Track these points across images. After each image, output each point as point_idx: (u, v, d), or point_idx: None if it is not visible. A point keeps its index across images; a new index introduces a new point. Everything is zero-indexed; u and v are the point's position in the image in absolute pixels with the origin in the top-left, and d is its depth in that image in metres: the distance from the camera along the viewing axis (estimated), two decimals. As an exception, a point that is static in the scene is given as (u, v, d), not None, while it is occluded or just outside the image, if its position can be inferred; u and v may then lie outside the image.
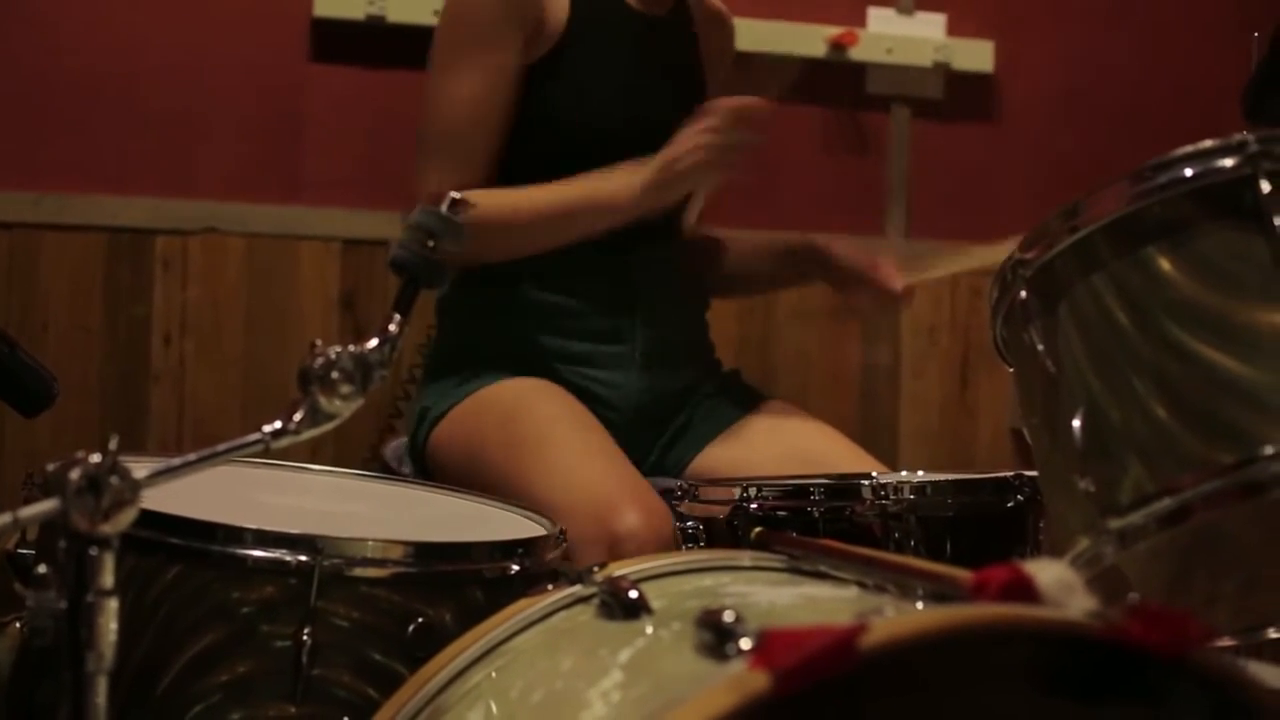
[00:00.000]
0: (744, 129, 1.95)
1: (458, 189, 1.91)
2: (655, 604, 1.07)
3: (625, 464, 1.90)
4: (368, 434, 2.71)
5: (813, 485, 1.68)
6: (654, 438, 2.10)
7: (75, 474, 0.95)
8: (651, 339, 2.07)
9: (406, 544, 1.34)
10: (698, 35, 2.21)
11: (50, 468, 0.97)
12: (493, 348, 2.06)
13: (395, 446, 2.20)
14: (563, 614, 1.14)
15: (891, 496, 1.63)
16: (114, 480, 0.95)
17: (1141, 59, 3.25)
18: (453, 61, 2.00)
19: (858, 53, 3.03)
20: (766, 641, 0.83)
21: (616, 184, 1.97)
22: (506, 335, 2.06)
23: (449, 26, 2.04)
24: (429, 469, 2.04)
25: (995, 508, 1.67)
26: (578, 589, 1.15)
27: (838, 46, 3.02)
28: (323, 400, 1.06)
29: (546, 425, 1.92)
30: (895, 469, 1.97)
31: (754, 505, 1.66)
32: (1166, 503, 1.18)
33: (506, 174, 2.03)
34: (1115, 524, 1.20)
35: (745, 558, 1.23)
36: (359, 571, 1.31)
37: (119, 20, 2.73)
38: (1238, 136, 1.20)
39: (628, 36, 2.09)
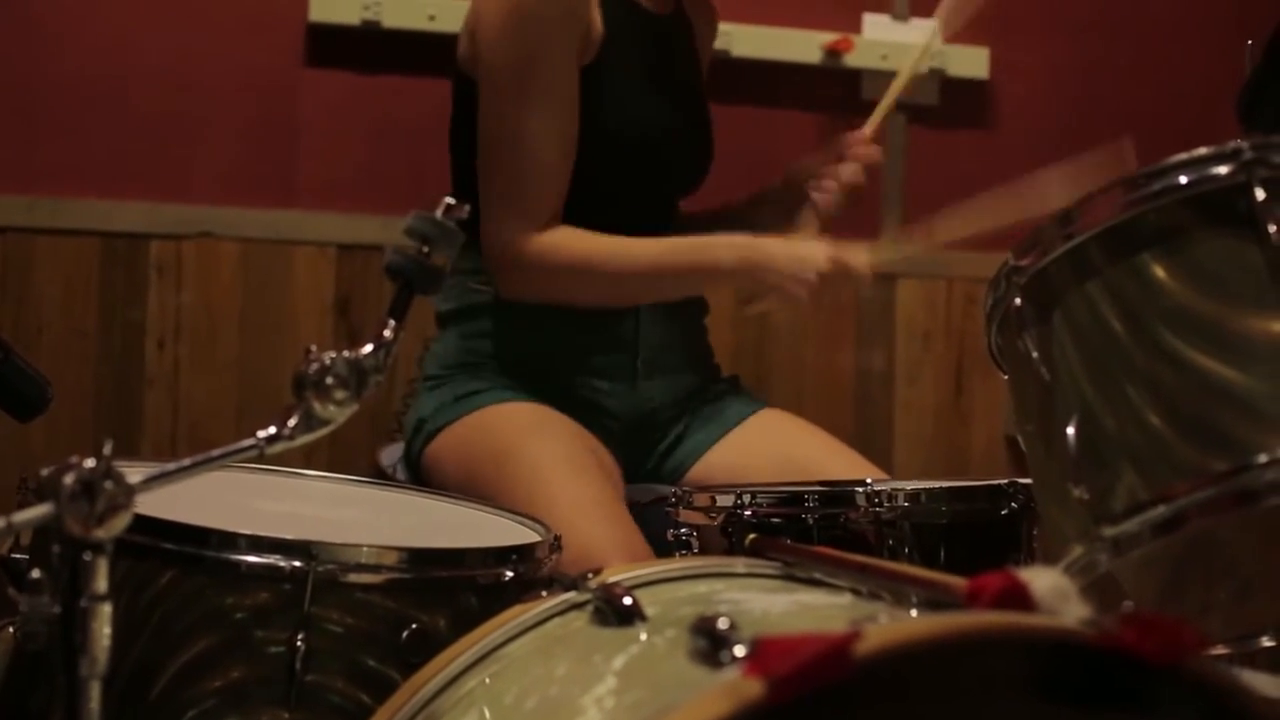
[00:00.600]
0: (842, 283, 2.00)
1: (549, 225, 1.93)
2: (649, 611, 1.07)
3: (618, 515, 1.87)
4: (363, 439, 2.70)
5: (807, 492, 1.67)
6: (653, 444, 2.10)
7: (69, 479, 0.94)
8: (652, 347, 2.07)
9: (401, 550, 1.34)
10: (694, 31, 2.22)
11: (44, 472, 0.97)
12: (492, 358, 2.05)
13: (390, 452, 2.20)
14: (557, 620, 1.14)
15: (886, 503, 1.63)
16: (108, 485, 0.95)
17: (1136, 66, 3.25)
18: (531, 97, 1.93)
19: (853, 59, 3.03)
20: (761, 649, 0.83)
21: (717, 254, 1.98)
22: (507, 344, 2.05)
23: (516, 59, 1.93)
24: (423, 480, 2.03)
25: (989, 515, 1.67)
26: (572, 595, 1.15)
27: (833, 53, 3.02)
28: (317, 406, 1.06)
29: (542, 470, 1.89)
30: (890, 475, 1.97)
31: (748, 512, 1.66)
32: (1161, 510, 1.18)
33: None
34: (1109, 531, 1.20)
35: (739, 565, 1.23)
36: (353, 577, 1.31)
37: (113, 24, 2.72)
38: (1232, 144, 1.21)
39: (649, 40, 2.08)
